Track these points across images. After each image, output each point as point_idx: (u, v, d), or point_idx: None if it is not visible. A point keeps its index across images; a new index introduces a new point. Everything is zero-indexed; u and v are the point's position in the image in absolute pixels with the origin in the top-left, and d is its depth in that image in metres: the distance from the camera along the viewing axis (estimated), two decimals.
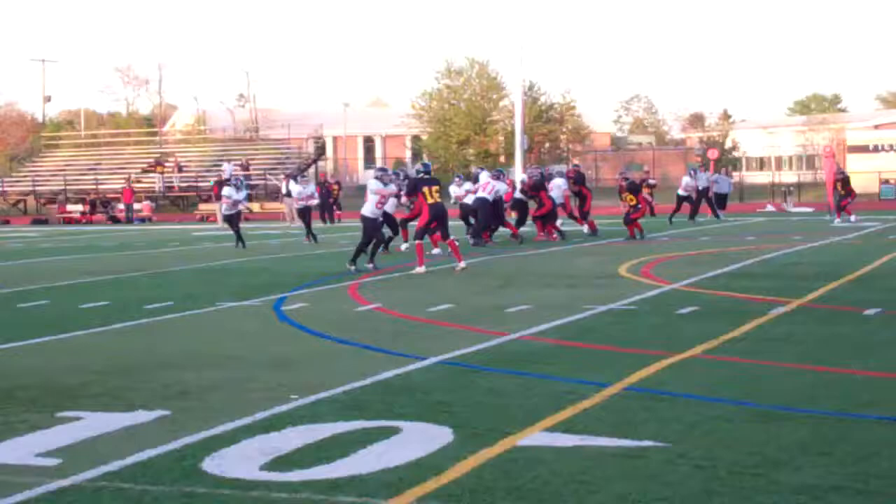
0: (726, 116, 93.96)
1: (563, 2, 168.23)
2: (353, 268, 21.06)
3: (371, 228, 21.93)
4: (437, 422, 8.32)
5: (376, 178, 22.58)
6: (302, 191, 31.52)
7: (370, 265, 21.55)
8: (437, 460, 7.29)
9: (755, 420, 8.36)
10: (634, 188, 30.66)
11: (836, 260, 22.12)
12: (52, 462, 7.46)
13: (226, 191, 28.99)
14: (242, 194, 29.62)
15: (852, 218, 36.53)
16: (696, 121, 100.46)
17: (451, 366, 10.88)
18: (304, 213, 31.25)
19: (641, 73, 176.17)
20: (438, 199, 21.84)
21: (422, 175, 22.34)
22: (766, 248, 24.99)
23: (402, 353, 11.54)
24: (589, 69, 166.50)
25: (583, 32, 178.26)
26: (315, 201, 32.29)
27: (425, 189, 21.77)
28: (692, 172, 42.04)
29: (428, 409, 8.79)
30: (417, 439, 7.82)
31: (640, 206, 30.44)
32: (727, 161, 70.20)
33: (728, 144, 76.10)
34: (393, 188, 23.17)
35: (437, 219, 21.66)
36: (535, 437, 7.87)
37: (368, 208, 22.08)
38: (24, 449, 7.83)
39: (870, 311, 14.11)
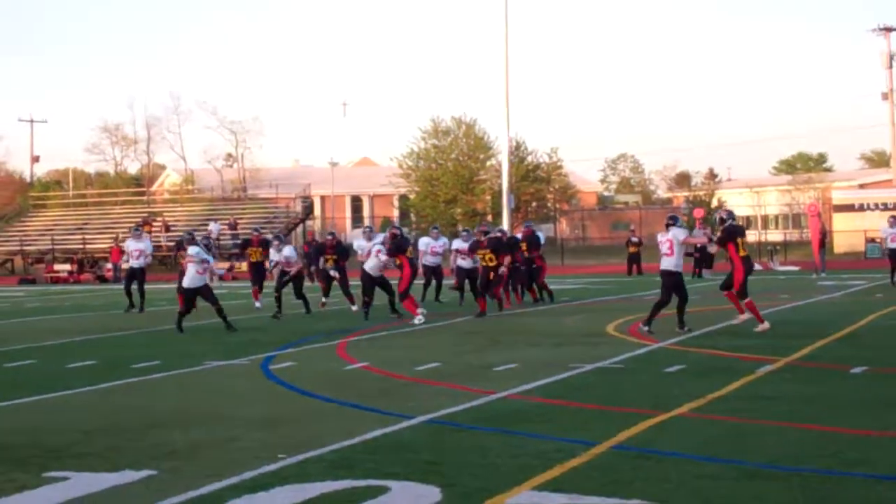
0: (712, 175, 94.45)
1: (552, 62, 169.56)
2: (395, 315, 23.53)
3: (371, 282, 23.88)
4: (426, 481, 8.31)
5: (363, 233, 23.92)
6: (275, 256, 27.00)
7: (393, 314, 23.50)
8: None
9: (743, 478, 8.36)
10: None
11: (822, 318, 22.21)
12: None
13: (192, 250, 22.69)
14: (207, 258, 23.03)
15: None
16: (682, 180, 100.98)
17: (439, 424, 10.87)
18: (296, 281, 27.44)
19: (628, 132, 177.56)
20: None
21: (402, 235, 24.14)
22: None
23: (391, 411, 11.53)
24: (576, 128, 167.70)
25: (570, 91, 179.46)
26: (293, 267, 26.58)
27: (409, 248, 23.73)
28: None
29: (416, 468, 8.78)
30: (406, 499, 7.82)
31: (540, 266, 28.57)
32: (712, 221, 70.39)
33: (714, 203, 76.30)
34: (378, 244, 23.97)
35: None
36: (523, 495, 7.87)
37: (369, 264, 23.75)
38: None
39: (857, 370, 14.14)
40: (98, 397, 13.50)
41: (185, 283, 21.98)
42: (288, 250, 26.49)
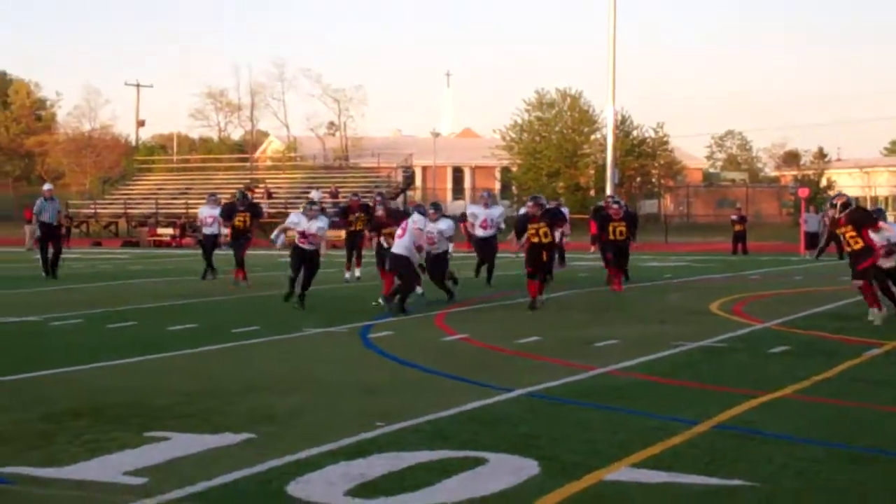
0: (821, 155, 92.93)
1: (661, 36, 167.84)
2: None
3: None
4: (524, 454, 8.24)
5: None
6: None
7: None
8: (523, 492, 7.21)
9: (846, 462, 8.18)
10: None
11: None
12: (139, 481, 7.48)
13: (294, 217, 20.86)
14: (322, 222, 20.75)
15: None
16: (791, 158, 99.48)
17: (538, 398, 10.79)
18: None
19: (736, 108, 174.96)
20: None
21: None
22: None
23: (489, 384, 11.47)
24: (683, 103, 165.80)
25: (678, 66, 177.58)
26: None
27: None
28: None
29: (514, 441, 8.71)
30: (503, 471, 7.75)
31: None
32: (821, 200, 69.35)
33: (823, 183, 75.13)
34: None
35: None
36: (622, 472, 7.77)
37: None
38: (113, 467, 7.86)
39: None
40: (198, 360, 13.61)
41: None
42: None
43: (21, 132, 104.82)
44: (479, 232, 24.88)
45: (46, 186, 30.17)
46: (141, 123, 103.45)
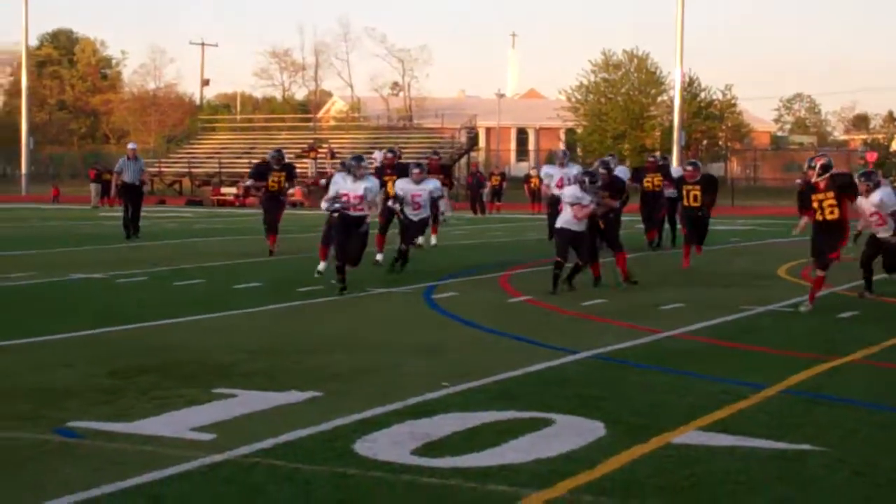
0: (892, 118, 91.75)
1: None
2: None
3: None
4: (590, 416, 8.20)
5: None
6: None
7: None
8: (589, 454, 7.18)
9: None
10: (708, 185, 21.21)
11: None
12: (207, 437, 7.52)
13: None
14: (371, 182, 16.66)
15: None
16: (860, 122, 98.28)
17: (604, 360, 10.75)
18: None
19: (805, 71, 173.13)
20: None
21: None
22: None
23: (554, 345, 11.43)
24: (751, 65, 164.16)
25: (746, 27, 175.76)
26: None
27: None
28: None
29: (580, 403, 8.67)
30: (570, 432, 7.72)
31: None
32: (890, 166, 68.47)
33: (893, 147, 74.10)
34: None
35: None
36: (689, 435, 7.71)
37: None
38: (180, 423, 7.91)
39: None
40: (264, 319, 13.67)
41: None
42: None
43: (87, 90, 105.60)
44: (556, 192, 24.26)
45: (131, 146, 30.15)
46: (205, 82, 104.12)
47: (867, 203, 15.75)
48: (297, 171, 24.99)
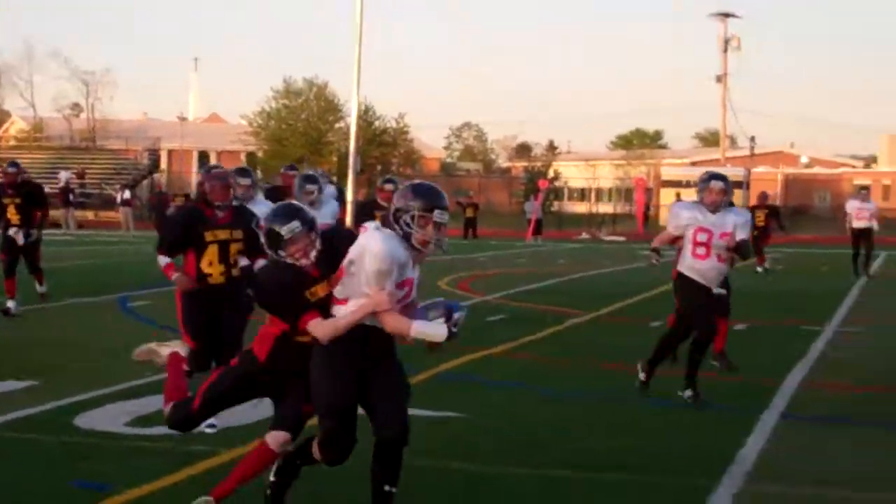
0: (552, 147, 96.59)
1: (409, 29, 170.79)
2: None
3: None
4: None
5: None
6: None
7: None
8: None
9: (539, 402, 10.16)
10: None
11: (635, 280, 23.60)
12: None
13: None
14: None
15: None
16: (522, 150, 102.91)
17: None
18: None
19: (475, 101, 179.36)
20: None
21: None
22: (574, 270, 27.18)
23: None
24: (425, 95, 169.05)
25: (423, 58, 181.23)
26: None
27: None
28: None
29: None
30: None
31: None
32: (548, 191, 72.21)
33: (550, 175, 78.30)
34: None
35: None
36: None
37: None
38: None
39: (655, 323, 15.75)
40: None
41: None
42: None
43: None
44: None
45: None
46: None
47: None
48: None
